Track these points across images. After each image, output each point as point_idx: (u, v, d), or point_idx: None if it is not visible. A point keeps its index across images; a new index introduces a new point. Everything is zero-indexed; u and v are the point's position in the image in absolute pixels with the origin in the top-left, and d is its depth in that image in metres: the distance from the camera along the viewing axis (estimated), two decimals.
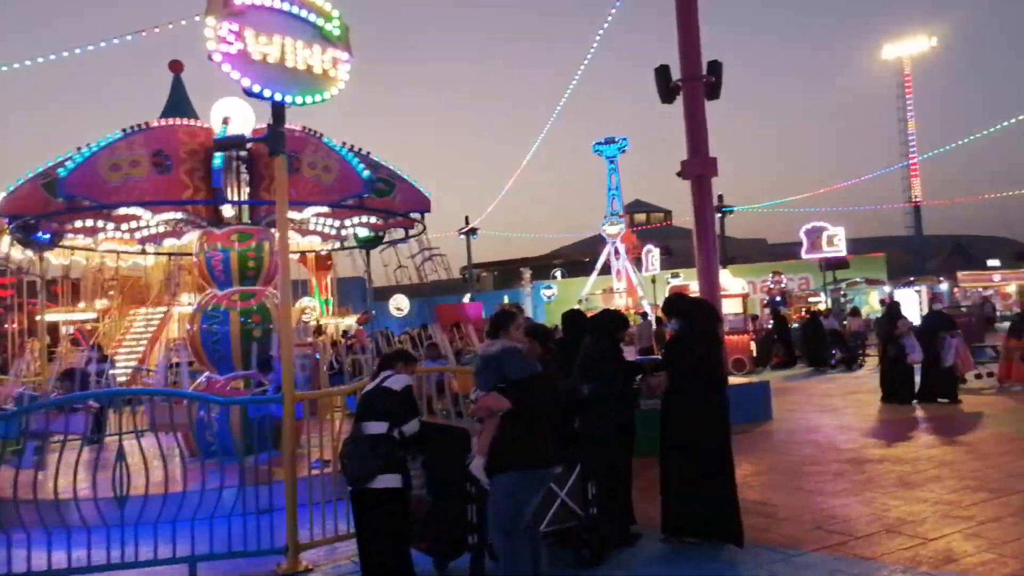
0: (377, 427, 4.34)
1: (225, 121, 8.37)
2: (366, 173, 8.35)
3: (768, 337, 21.24)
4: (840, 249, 25.09)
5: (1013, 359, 12.59)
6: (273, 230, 8.48)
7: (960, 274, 39.58)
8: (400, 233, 10.85)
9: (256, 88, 5.28)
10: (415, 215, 10.16)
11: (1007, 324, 16.97)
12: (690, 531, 5.22)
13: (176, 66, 12.63)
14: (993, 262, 42.12)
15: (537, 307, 45.29)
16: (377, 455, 4.25)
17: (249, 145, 8.31)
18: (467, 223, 41.40)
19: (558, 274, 54.10)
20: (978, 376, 13.60)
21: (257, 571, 5.28)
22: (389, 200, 9.36)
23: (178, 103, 12.35)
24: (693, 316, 5.62)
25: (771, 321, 23.58)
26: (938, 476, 6.89)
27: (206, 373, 9.03)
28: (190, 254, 10.12)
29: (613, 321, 5.71)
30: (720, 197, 38.50)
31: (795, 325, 21.75)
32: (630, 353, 18.38)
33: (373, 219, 10.02)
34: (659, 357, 7.28)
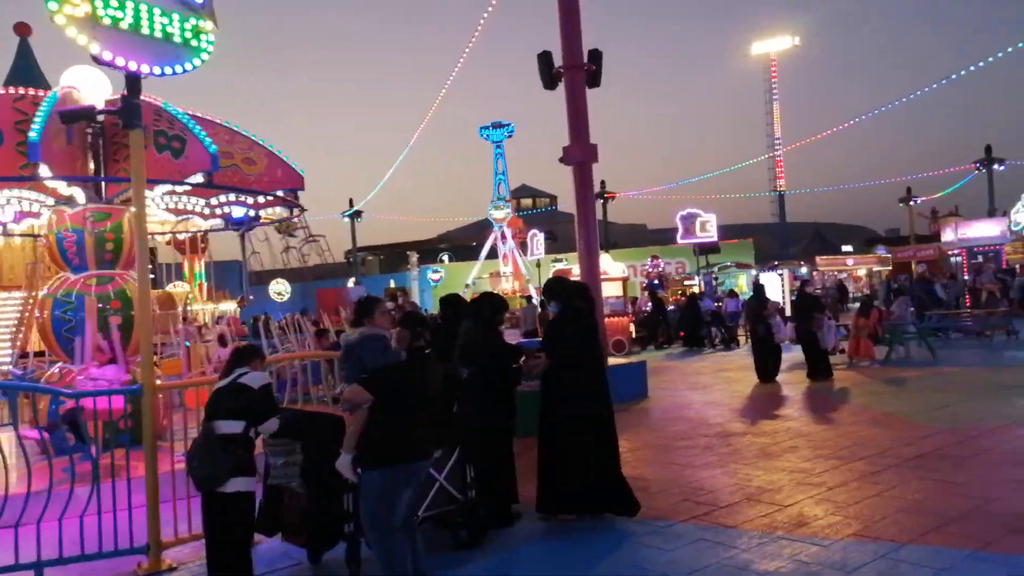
0: (231, 426, 4.09)
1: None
2: (213, 148, 7.87)
3: (653, 318, 22.17)
4: (712, 235, 26.44)
5: (861, 337, 13.70)
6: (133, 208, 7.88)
7: (819, 259, 42.67)
8: (284, 214, 10.43)
9: (107, 56, 4.87)
10: (287, 194, 9.78)
11: (856, 305, 18.51)
12: (568, 508, 5.34)
13: (23, 29, 11.50)
14: (847, 248, 45.69)
15: (424, 291, 44.97)
16: (229, 457, 4.00)
17: (101, 117, 7.66)
18: (351, 205, 40.41)
19: (445, 258, 53.93)
20: (831, 353, 14.72)
21: (115, 573, 4.94)
22: (255, 178, 8.95)
23: (24, 70, 11.26)
24: (571, 299, 5.73)
25: (649, 303, 24.63)
26: (795, 447, 7.40)
27: (59, 364, 8.34)
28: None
29: (491, 304, 5.72)
30: (603, 183, 39.69)
31: (671, 307, 22.71)
32: (515, 336, 18.69)
33: (250, 199, 9.55)
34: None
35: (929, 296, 19.98)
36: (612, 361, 11.89)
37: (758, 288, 13.91)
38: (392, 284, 43.07)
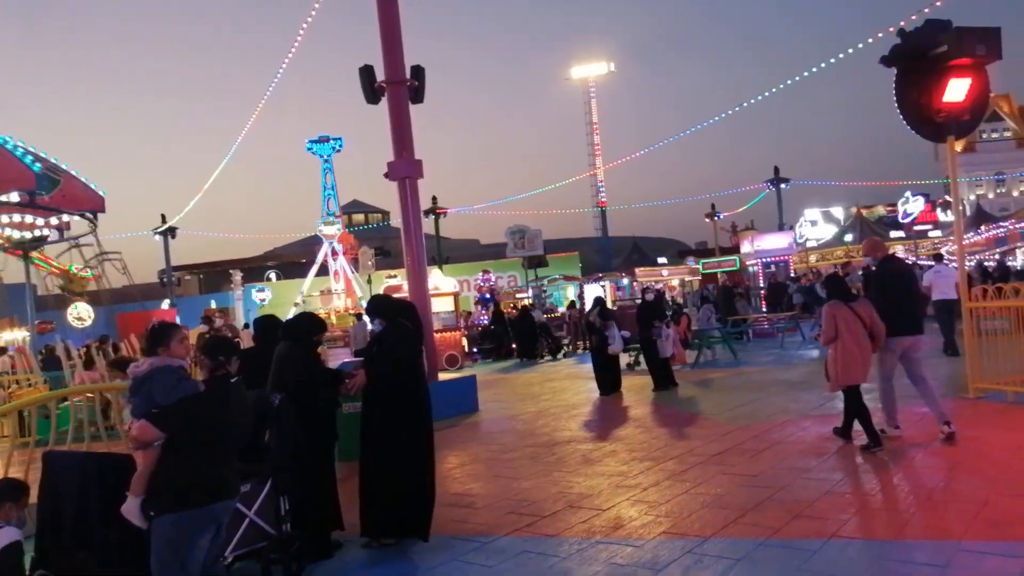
0: None
1: None
2: (36, 166, 7.10)
3: (497, 331, 22.49)
4: (539, 249, 27.32)
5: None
6: None
7: (638, 270, 45.47)
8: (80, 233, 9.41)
9: None
10: (88, 215, 8.88)
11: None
12: (387, 532, 5.19)
13: None
14: (662, 260, 49.12)
15: (250, 310, 42.51)
16: None
17: None
18: (164, 221, 37.40)
19: (272, 276, 51.48)
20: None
21: None
22: (56, 197, 8.07)
23: None
24: (395, 317, 5.61)
25: (483, 317, 24.99)
26: (614, 451, 7.74)
27: None
28: None
29: (308, 324, 5.46)
30: (434, 199, 39.79)
31: (485, 320, 23.14)
32: (346, 355, 18.12)
33: (27, 218, 8.53)
34: None
35: (728, 303, 21.84)
36: (442, 376, 11.87)
37: (596, 300, 14.10)
38: (213, 305, 40.33)
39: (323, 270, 42.43)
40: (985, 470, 5.77)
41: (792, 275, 28.59)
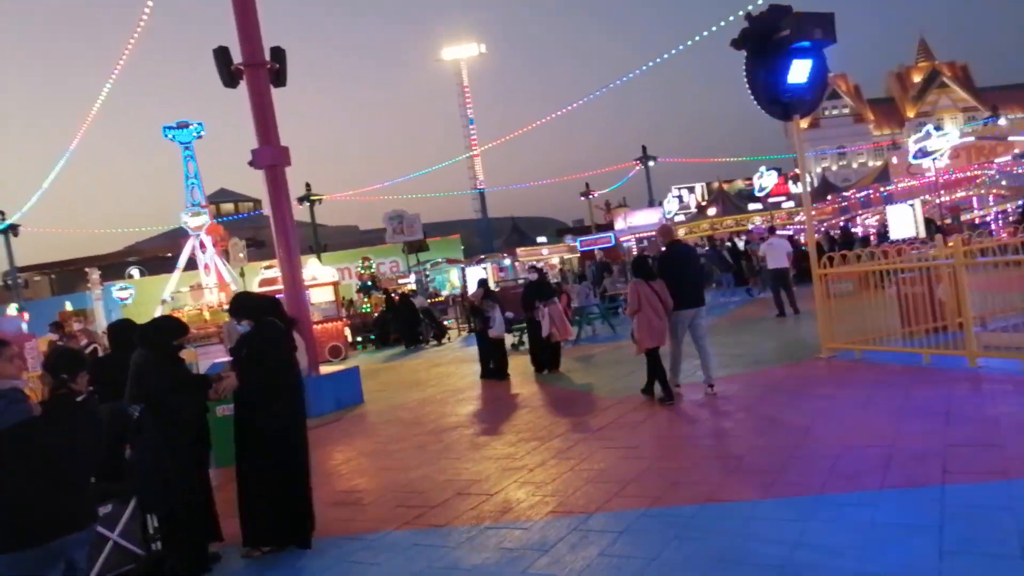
0: None
1: None
2: None
3: (382, 318, 22.03)
4: (418, 233, 27.03)
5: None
6: None
7: (519, 250, 46.08)
8: None
9: None
10: None
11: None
12: (266, 540, 4.98)
13: None
14: (542, 239, 50.01)
15: (112, 311, 39.54)
16: None
17: None
18: (3, 218, 33.98)
19: (135, 272, 48.17)
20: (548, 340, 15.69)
21: None
22: None
23: None
24: (262, 314, 5.35)
25: (366, 304, 24.48)
26: (501, 433, 7.81)
27: None
28: None
29: (166, 328, 5.10)
30: (308, 186, 38.45)
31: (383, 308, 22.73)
32: (222, 352, 17.20)
33: None
34: None
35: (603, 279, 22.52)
36: (324, 369, 11.54)
37: (482, 282, 13.48)
38: (68, 307, 37.19)
39: (192, 264, 40.07)
40: (837, 426, 6.27)
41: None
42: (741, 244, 28.91)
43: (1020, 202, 21.98)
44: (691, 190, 45.24)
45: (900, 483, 4.69)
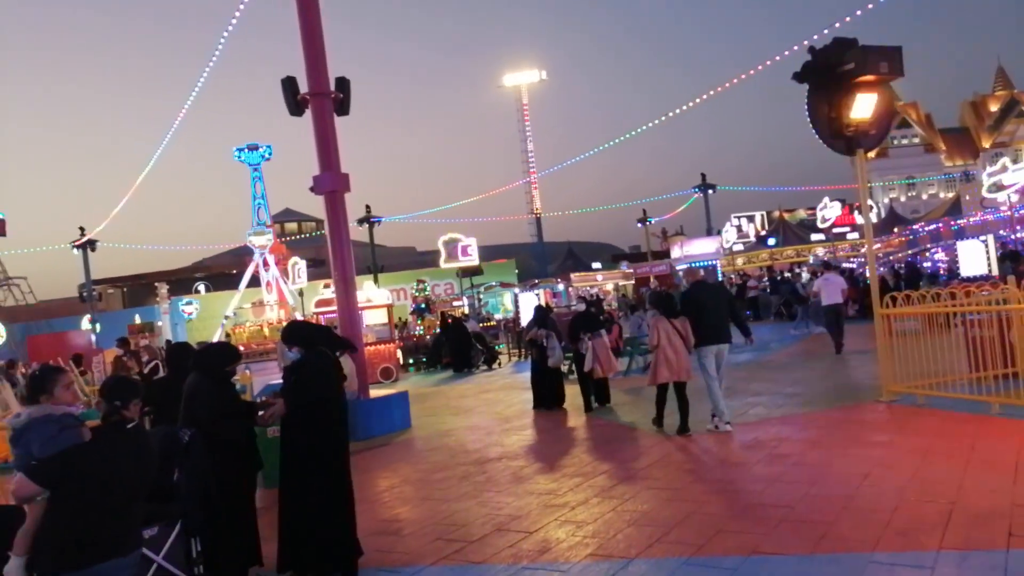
0: None
1: None
2: None
3: (437, 339, 22.24)
4: (473, 258, 27.27)
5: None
6: None
7: (573, 275, 45.91)
8: None
9: None
10: None
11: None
12: (306, 567, 5.03)
13: None
14: (596, 264, 49.76)
15: (177, 324, 41.10)
16: None
17: None
18: (83, 234, 35.75)
19: (201, 288, 49.93)
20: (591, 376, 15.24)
21: None
22: None
23: None
24: (313, 343, 5.45)
25: (419, 327, 24.76)
26: (544, 467, 7.73)
27: None
28: None
29: (219, 354, 5.25)
30: (368, 207, 39.30)
31: (438, 330, 22.90)
32: (275, 371, 17.59)
33: None
34: None
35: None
36: (373, 393, 11.67)
37: (539, 310, 13.32)
38: (137, 319, 38.78)
39: (255, 281, 41.33)
40: (895, 477, 5.99)
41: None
42: (806, 276, 28.18)
43: None
44: (751, 219, 44.48)
45: (960, 545, 4.44)
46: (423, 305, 26.47)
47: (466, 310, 27.59)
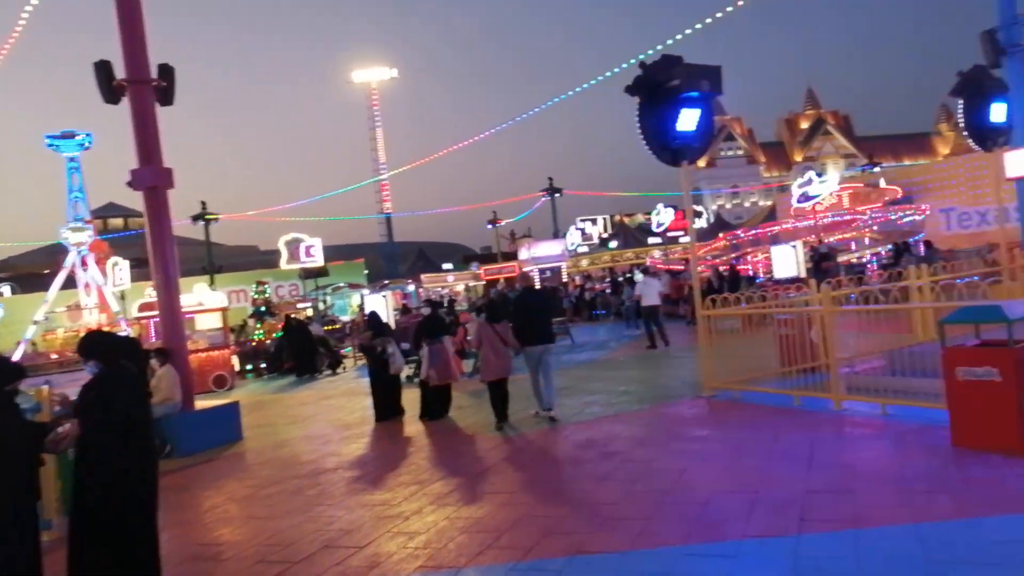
0: None
1: None
2: None
3: (276, 346, 21.15)
4: (317, 259, 26.32)
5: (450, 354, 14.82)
6: None
7: (424, 276, 45.71)
8: None
9: None
10: None
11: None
12: None
13: None
14: (448, 265, 49.84)
15: None
16: None
17: None
18: None
19: (6, 290, 44.73)
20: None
21: None
22: None
23: None
24: (114, 357, 4.94)
25: (258, 331, 23.51)
26: (381, 477, 7.55)
27: None
28: None
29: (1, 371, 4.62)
30: (203, 204, 36.92)
31: (278, 334, 21.88)
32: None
33: None
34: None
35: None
36: (201, 404, 10.90)
37: (369, 315, 12.71)
38: None
39: (71, 283, 37.48)
40: (708, 470, 6.41)
41: (563, 280, 30.30)
42: (639, 277, 29.77)
43: (890, 246, 23.67)
44: (594, 222, 46.35)
45: (760, 532, 4.80)
46: (263, 308, 25.19)
47: (310, 312, 26.57)
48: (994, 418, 5.77)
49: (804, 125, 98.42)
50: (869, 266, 24.48)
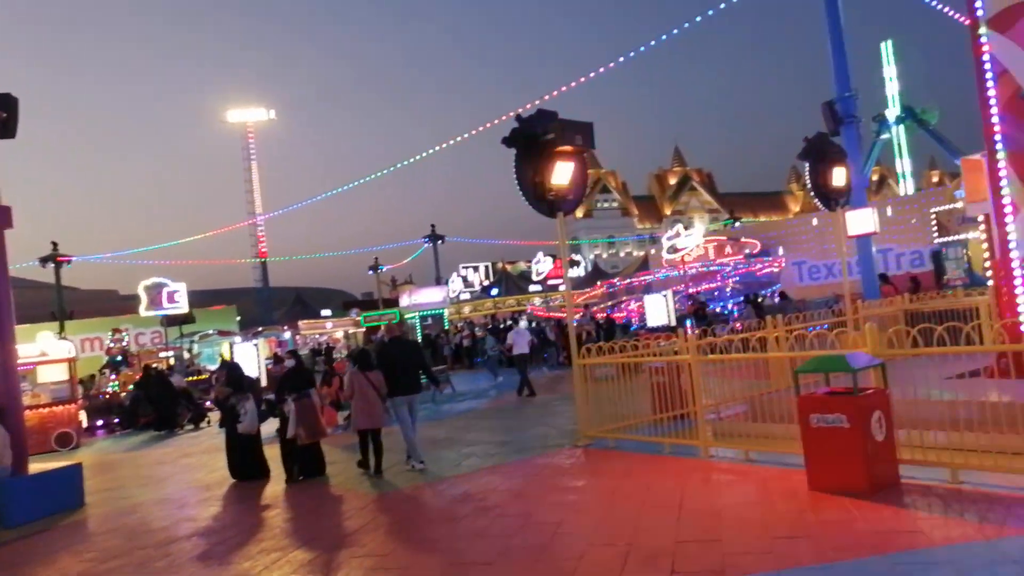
0: None
1: None
2: None
3: (133, 399, 19.46)
4: (181, 304, 24.78)
5: (324, 405, 14.22)
6: None
7: (301, 323, 44.04)
8: None
9: None
10: None
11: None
12: None
13: None
14: (326, 312, 48.33)
15: None
16: None
17: None
18: None
19: None
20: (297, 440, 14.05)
21: None
22: None
23: None
24: None
25: (112, 383, 21.69)
26: (239, 544, 6.98)
27: None
28: None
29: None
30: (54, 244, 34.07)
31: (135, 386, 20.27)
32: None
33: None
34: None
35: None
36: (37, 467, 9.79)
37: (229, 367, 11.67)
38: None
39: None
40: (584, 522, 6.38)
41: (444, 328, 30.14)
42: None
43: (743, 297, 25.27)
44: (476, 269, 46.67)
45: None
46: (120, 357, 23.33)
47: (173, 362, 24.83)
48: (844, 462, 6.11)
49: (672, 181, 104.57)
50: (733, 316, 25.98)
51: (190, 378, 22.21)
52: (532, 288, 42.05)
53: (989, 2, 8.93)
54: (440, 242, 41.90)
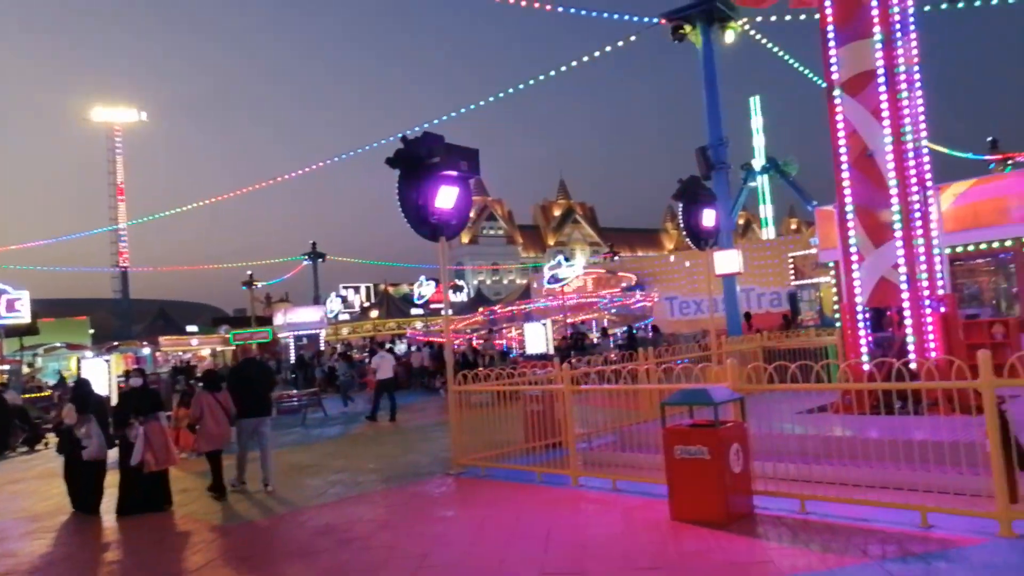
0: None
1: None
2: None
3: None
4: (22, 314, 22.52)
5: (181, 428, 13.27)
6: None
7: (162, 339, 41.31)
8: None
9: None
10: None
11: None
12: None
13: None
14: (192, 328, 45.63)
15: None
16: None
17: None
18: None
19: None
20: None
21: None
22: None
23: None
24: None
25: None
26: None
27: None
28: None
29: None
30: None
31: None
32: None
33: None
34: None
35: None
36: None
37: (77, 384, 10.61)
38: None
39: None
40: (450, 554, 6.21)
41: (319, 349, 29.22)
42: (403, 348, 29.51)
43: (625, 328, 26.12)
44: (357, 290, 45.63)
45: None
46: None
47: (5, 377, 22.46)
48: (704, 493, 6.31)
49: (556, 212, 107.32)
50: (610, 346, 26.74)
51: (28, 395, 20.19)
52: (413, 311, 41.54)
53: (843, 67, 9.77)
54: (321, 260, 40.70)
